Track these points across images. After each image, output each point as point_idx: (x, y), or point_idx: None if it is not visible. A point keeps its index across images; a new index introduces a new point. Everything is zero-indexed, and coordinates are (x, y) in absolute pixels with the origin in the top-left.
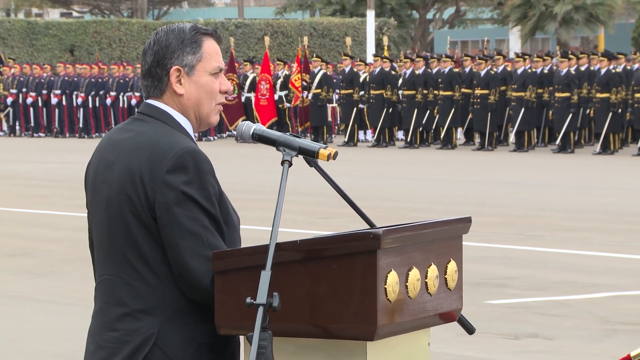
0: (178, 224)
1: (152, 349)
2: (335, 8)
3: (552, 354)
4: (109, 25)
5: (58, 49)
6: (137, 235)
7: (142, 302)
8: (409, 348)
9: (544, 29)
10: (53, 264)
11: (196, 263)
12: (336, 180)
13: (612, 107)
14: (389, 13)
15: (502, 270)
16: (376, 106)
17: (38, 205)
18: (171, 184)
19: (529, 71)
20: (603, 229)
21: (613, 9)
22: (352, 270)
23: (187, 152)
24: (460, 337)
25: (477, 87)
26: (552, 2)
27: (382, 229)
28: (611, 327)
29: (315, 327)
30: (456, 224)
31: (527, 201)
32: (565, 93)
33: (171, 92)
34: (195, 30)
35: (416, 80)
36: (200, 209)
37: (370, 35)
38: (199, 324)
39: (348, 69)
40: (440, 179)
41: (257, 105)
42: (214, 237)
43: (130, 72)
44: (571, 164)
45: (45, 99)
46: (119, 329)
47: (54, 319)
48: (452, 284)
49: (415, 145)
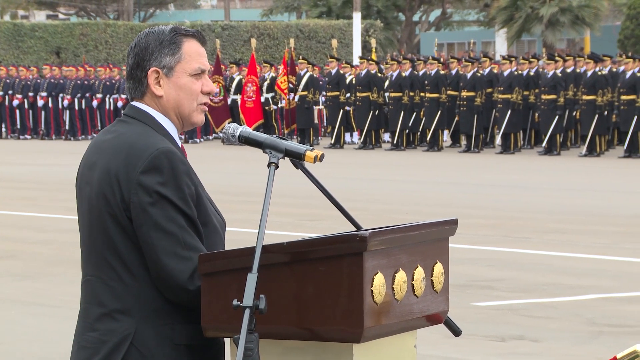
0: (153, 224)
1: (129, 349)
2: (321, 10)
3: (538, 356)
4: (95, 27)
5: (44, 51)
6: (114, 236)
7: (119, 302)
8: (395, 350)
9: (530, 31)
10: (39, 267)
11: (173, 263)
12: (323, 182)
13: (598, 109)
14: (375, 15)
15: (488, 272)
16: (363, 108)
17: (24, 207)
18: (145, 184)
19: (515, 73)
20: (589, 231)
21: (599, 11)
22: (339, 273)
23: (161, 152)
24: (446, 339)
25: (464, 90)
26: (538, 4)
27: (369, 231)
28: (597, 329)
29: (302, 329)
30: (442, 226)
31: (513, 203)
32: (551, 95)
33: (151, 94)
34: (174, 31)
35: (403, 82)
36: (175, 209)
37: (357, 37)
38: (176, 325)
39: (334, 71)
40: (427, 181)
41: (243, 107)
42: (190, 236)
43: (116, 74)
44: (557, 166)
45: (31, 101)
46: (98, 329)
47: (40, 321)
48: (438, 286)
49: (402, 148)
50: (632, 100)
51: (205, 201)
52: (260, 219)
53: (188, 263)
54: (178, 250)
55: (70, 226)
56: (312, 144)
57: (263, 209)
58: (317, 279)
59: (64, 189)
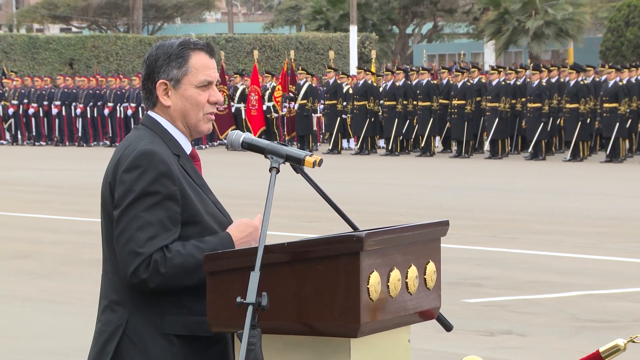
0: (119, 219)
1: (122, 337)
2: (320, 23)
3: (525, 349)
4: (106, 39)
5: (58, 62)
6: (110, 231)
7: (116, 295)
8: (390, 344)
9: (517, 43)
10: (53, 266)
11: (123, 257)
12: (321, 186)
13: (581, 117)
14: (370, 28)
15: (478, 270)
16: (359, 116)
17: (39, 210)
18: (124, 180)
19: (503, 83)
20: (573, 232)
21: (582, 24)
22: (337, 271)
23: (143, 152)
24: (439, 334)
25: (454, 98)
26: (524, 17)
27: (365, 232)
28: (581, 324)
29: (302, 324)
30: (435, 227)
31: (502, 205)
32: (537, 103)
33: (160, 104)
34: (182, 45)
35: (396, 91)
36: (142, 206)
37: (353, 49)
38: (165, 316)
39: (332, 81)
40: (420, 184)
41: (249, 115)
42: (146, 232)
43: (126, 84)
44: (543, 171)
45: (46, 109)
46: (101, 320)
47: (53, 317)
48: (431, 283)
49: (396, 153)
50: (614, 108)
51: (195, 201)
52: (262, 221)
53: (135, 258)
54: (129, 244)
55: (82, 228)
56: (311, 149)
57: (265, 211)
58: (316, 278)
59: (77, 193)
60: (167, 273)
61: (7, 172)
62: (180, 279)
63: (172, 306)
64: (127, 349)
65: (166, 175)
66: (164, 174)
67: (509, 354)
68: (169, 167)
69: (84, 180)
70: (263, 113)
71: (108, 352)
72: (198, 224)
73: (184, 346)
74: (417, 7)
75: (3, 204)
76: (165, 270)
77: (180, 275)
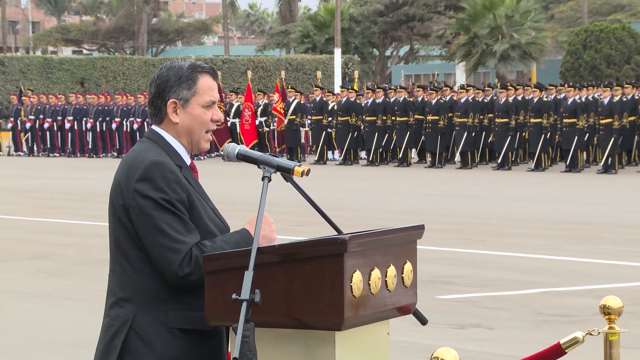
0: (148, 224)
1: (129, 331)
2: (307, 46)
3: (493, 341)
4: (114, 61)
5: (70, 82)
6: (120, 235)
7: (124, 292)
8: (371, 337)
9: (485, 64)
10: (66, 266)
11: (165, 255)
12: (309, 193)
13: (543, 131)
14: (353, 51)
15: (450, 269)
16: (343, 130)
17: (53, 214)
18: (140, 191)
19: (471, 100)
20: (535, 235)
21: (544, 47)
22: (323, 271)
23: (153, 163)
24: (415, 327)
25: (429, 114)
26: (492, 41)
27: (348, 235)
28: (543, 318)
29: (291, 319)
30: (411, 230)
31: (471, 211)
32: (504, 119)
33: (168, 120)
34: (192, 68)
35: (377, 108)
36: (164, 210)
37: (337, 69)
38: (169, 312)
39: (318, 99)
40: (398, 192)
41: (243, 129)
42: (177, 232)
43: (132, 101)
44: (509, 180)
45: (59, 124)
46: (109, 315)
47: (67, 313)
48: (408, 282)
49: (376, 164)
50: (573, 123)
51: (198, 207)
52: (255, 225)
53: (177, 254)
54: (168, 243)
55: (93, 231)
56: (299, 160)
57: (258, 216)
58: (304, 276)
59: (87, 200)
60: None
61: (24, 180)
62: None
63: (175, 302)
64: (134, 341)
65: (176, 182)
66: (175, 182)
67: (478, 345)
68: (177, 176)
69: (94, 188)
70: (256, 127)
71: (116, 345)
72: (199, 227)
73: (184, 339)
74: (395, 31)
75: (20, 209)
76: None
77: None
